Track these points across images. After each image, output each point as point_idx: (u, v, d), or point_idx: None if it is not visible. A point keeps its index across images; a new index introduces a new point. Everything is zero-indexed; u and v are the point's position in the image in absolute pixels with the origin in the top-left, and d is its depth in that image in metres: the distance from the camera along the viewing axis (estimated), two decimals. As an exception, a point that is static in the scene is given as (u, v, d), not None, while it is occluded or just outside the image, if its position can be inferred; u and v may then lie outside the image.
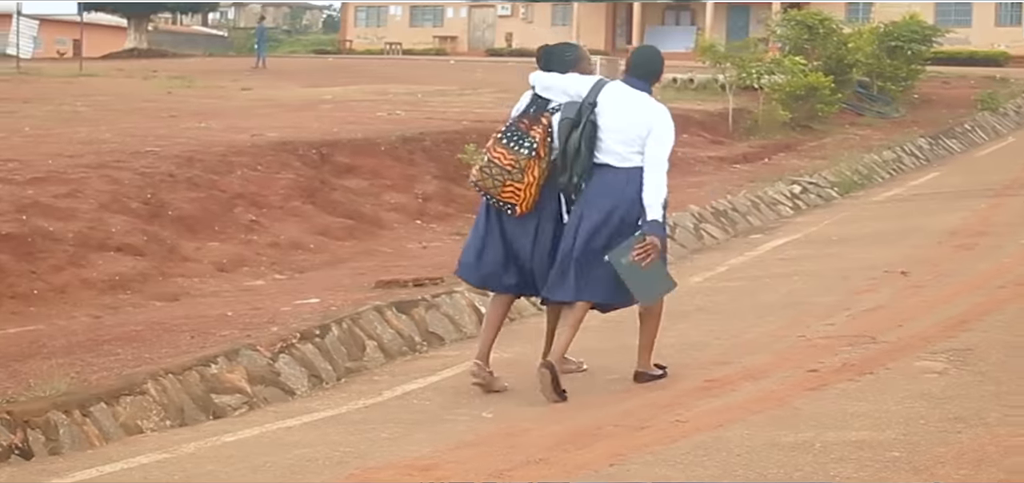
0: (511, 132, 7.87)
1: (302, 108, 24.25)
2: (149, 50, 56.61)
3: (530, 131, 7.80)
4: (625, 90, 7.81)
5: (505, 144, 7.81)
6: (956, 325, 8.77)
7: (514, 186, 7.71)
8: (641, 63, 7.99)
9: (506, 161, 7.74)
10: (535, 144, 7.72)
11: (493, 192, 7.80)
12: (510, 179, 7.70)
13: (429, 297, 11.30)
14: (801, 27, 29.31)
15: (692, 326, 9.26)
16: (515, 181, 7.70)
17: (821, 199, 18.93)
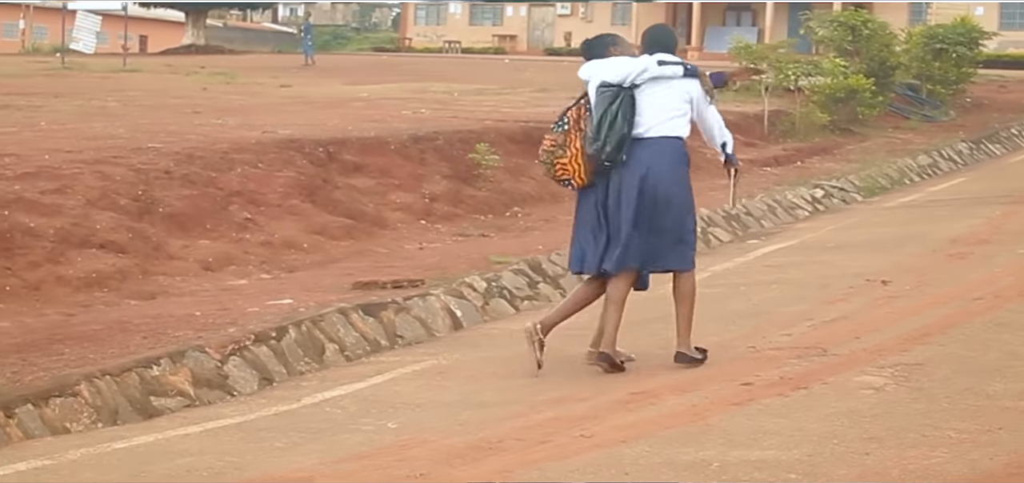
0: (558, 120, 8.52)
1: (330, 106, 24.09)
2: (207, 46, 56.77)
3: (567, 112, 8.43)
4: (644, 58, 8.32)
5: (552, 130, 8.52)
6: (916, 338, 8.44)
7: (561, 163, 8.32)
8: (660, 40, 8.55)
9: (549, 142, 8.43)
10: (568, 121, 8.35)
11: (550, 174, 8.54)
12: (556, 157, 8.35)
13: (401, 300, 11.09)
14: (844, 28, 28.77)
15: (646, 336, 8.96)
16: (561, 158, 8.32)
17: (843, 203, 18.53)
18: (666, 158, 8.18)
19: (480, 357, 8.69)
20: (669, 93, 8.22)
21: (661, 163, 8.16)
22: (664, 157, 8.18)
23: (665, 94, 8.21)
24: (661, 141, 8.18)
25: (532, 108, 24.51)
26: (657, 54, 8.37)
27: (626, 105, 8.12)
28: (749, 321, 9.51)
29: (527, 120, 21.46)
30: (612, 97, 8.13)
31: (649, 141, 8.17)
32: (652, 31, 8.74)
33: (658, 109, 8.20)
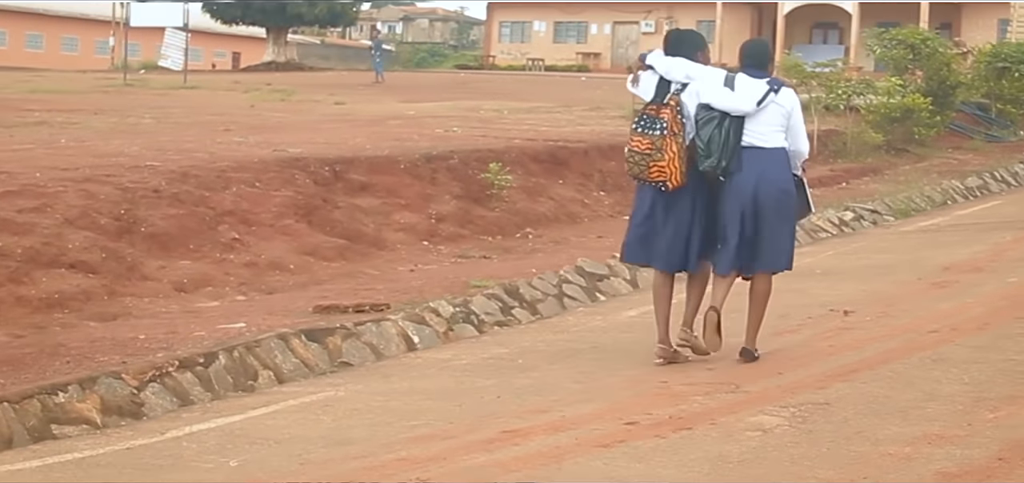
0: (643, 120, 8.72)
1: (368, 124, 23.85)
2: (287, 63, 56.95)
3: (660, 115, 8.59)
4: (752, 81, 8.72)
5: (640, 132, 8.69)
6: (841, 374, 7.96)
7: (658, 166, 8.54)
8: (756, 54, 9.04)
9: (643, 146, 8.60)
10: (665, 124, 8.55)
11: (642, 176, 8.69)
12: (652, 160, 8.55)
13: (351, 325, 10.75)
14: (902, 46, 28.01)
15: (567, 367, 8.56)
16: (657, 161, 8.52)
17: (873, 226, 17.91)
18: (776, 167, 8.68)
19: (382, 389, 8.36)
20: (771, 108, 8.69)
21: (772, 172, 8.66)
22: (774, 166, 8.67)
23: (768, 109, 8.68)
24: (769, 151, 8.66)
25: (571, 128, 24.13)
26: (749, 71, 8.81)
27: (736, 124, 8.61)
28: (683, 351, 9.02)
29: (558, 139, 21.09)
30: (720, 115, 8.62)
31: (758, 151, 8.65)
32: (747, 46, 9.22)
33: (763, 122, 8.68)
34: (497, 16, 70.16)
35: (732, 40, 58.71)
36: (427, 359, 9.73)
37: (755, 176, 8.64)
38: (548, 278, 12.99)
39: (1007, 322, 9.62)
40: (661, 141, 8.55)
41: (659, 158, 8.55)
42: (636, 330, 10.24)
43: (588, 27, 66.52)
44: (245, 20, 57.09)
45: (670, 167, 8.56)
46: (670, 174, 8.58)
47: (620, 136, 22.22)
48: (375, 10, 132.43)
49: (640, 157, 8.64)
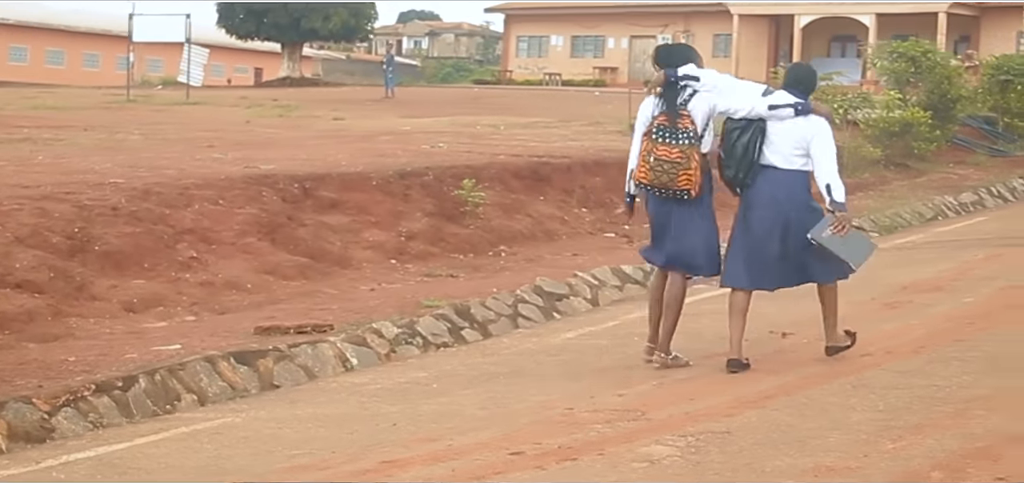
0: (664, 130, 8.86)
1: (358, 140, 23.66)
2: (302, 79, 56.93)
3: (680, 124, 8.80)
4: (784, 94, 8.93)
5: (666, 141, 8.83)
6: (756, 400, 7.73)
7: (686, 174, 8.77)
8: (799, 78, 9.19)
9: (673, 154, 8.77)
10: (690, 133, 8.80)
11: (670, 185, 8.82)
12: (681, 169, 8.76)
13: (285, 347, 10.53)
14: (904, 60, 27.66)
15: (479, 393, 8.34)
16: (686, 169, 8.75)
17: (856, 243, 17.58)
18: (789, 189, 8.88)
19: (282, 415, 8.15)
20: (791, 130, 8.83)
21: (782, 193, 8.86)
22: (787, 188, 8.86)
23: (788, 131, 8.82)
24: (785, 173, 8.85)
25: (563, 143, 23.89)
26: (785, 91, 9.01)
27: (757, 140, 8.81)
28: (601, 378, 8.81)
29: (543, 155, 20.84)
30: (742, 128, 8.86)
31: (774, 171, 8.86)
32: (791, 70, 9.52)
33: (784, 144, 8.84)
34: (515, 30, 70.04)
35: (748, 52, 58.58)
36: (343, 383, 9.51)
37: (767, 195, 8.88)
38: (503, 298, 12.75)
39: (944, 345, 9.35)
40: (689, 150, 8.79)
41: (687, 166, 8.77)
42: (566, 353, 10.01)
43: (605, 41, 66.32)
44: (260, 36, 57.07)
45: (695, 175, 8.81)
46: (694, 183, 8.82)
47: (609, 152, 22.02)
48: (401, 25, 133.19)
49: (670, 165, 8.80)
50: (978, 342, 9.52)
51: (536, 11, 69.11)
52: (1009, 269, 13.56)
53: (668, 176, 8.86)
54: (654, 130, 8.97)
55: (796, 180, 8.93)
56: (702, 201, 9.03)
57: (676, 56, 9.36)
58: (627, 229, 18.52)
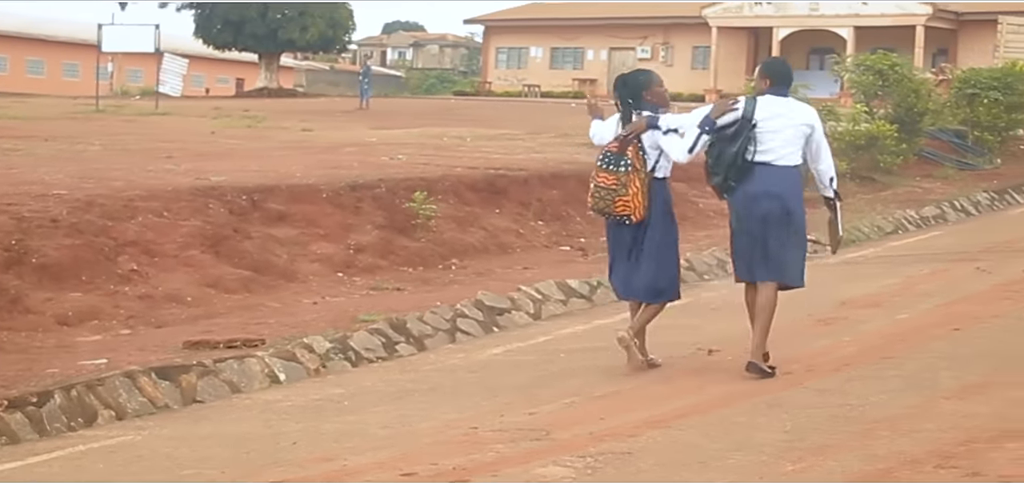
0: (608, 157, 9.19)
1: (319, 151, 23.52)
2: (280, 89, 56.82)
3: (624, 152, 9.08)
4: (782, 103, 9.21)
5: (606, 168, 9.16)
6: (666, 420, 7.61)
7: (622, 200, 9.05)
8: (782, 74, 9.47)
9: (609, 181, 9.09)
10: (630, 161, 9.06)
11: (607, 210, 9.21)
12: (617, 195, 9.06)
13: (211, 363, 10.39)
14: (871, 73, 27.57)
15: (389, 410, 8.20)
16: (621, 195, 9.04)
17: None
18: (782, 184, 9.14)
19: (183, 433, 8.06)
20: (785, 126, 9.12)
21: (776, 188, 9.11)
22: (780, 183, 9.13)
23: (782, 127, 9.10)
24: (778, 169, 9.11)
25: (525, 155, 23.77)
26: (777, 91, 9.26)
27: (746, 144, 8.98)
28: (516, 395, 8.67)
29: (501, 167, 20.69)
30: (730, 138, 9.03)
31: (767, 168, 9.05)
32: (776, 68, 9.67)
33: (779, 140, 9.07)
34: (494, 42, 69.97)
35: (727, 65, 58.54)
36: (256, 400, 9.37)
37: (762, 191, 9.01)
38: (441, 312, 12.62)
39: (868, 363, 9.24)
40: (626, 177, 9.03)
41: (623, 193, 9.03)
42: (488, 369, 9.90)
43: (584, 53, 66.28)
44: (237, 46, 56.93)
45: (634, 202, 9.06)
46: (634, 209, 9.07)
47: (569, 165, 21.92)
48: (386, 36, 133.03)
49: (606, 192, 9.11)
50: (903, 360, 9.41)
51: (515, 23, 69.04)
52: (951, 285, 13.45)
53: (605, 202, 9.19)
54: (601, 156, 9.32)
55: (790, 176, 9.18)
56: (655, 225, 9.24)
57: (631, 85, 9.59)
58: (583, 243, 18.43)
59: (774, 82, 9.31)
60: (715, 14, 60.28)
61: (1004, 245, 17.29)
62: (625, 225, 9.25)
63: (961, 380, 8.54)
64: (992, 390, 8.16)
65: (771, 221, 9.08)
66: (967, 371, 8.84)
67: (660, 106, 9.54)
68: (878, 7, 56.37)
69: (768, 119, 9.06)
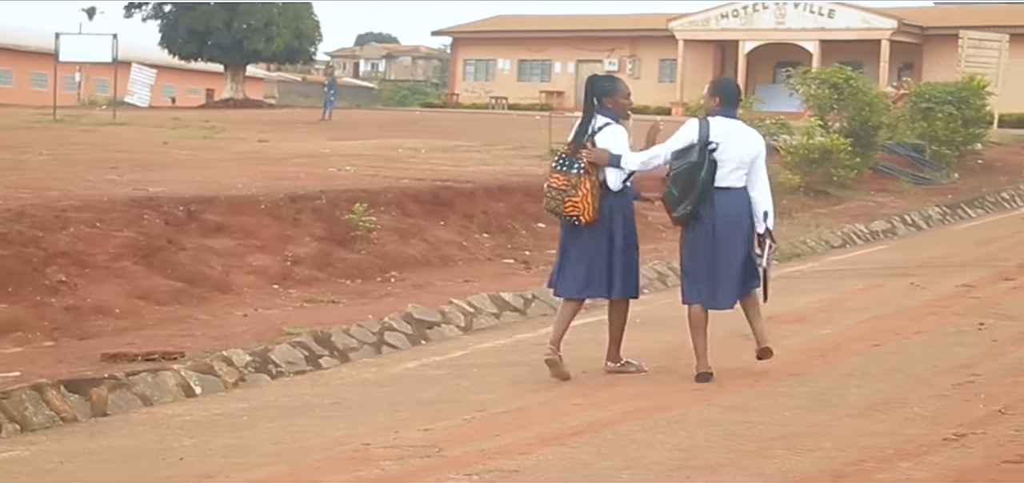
0: (562, 159, 9.50)
1: (270, 162, 23.35)
2: (246, 100, 56.60)
3: (577, 154, 9.35)
4: (733, 124, 9.31)
5: (558, 169, 9.46)
6: (563, 436, 7.53)
7: (572, 201, 9.29)
8: (733, 94, 9.57)
9: (560, 182, 9.35)
10: (582, 164, 9.32)
11: (558, 209, 9.44)
12: (567, 196, 9.29)
13: (124, 376, 10.24)
14: (825, 86, 27.54)
15: (286, 426, 8.05)
16: (571, 196, 9.27)
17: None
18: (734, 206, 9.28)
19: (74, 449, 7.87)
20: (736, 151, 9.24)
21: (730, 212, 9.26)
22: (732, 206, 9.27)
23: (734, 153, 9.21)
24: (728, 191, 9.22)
25: (475, 167, 23.66)
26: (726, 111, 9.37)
27: (710, 171, 9.08)
28: (418, 410, 8.54)
29: (448, 180, 20.57)
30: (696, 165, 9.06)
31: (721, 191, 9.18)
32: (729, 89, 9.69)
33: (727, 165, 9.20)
34: (462, 54, 69.90)
35: (693, 79, 58.47)
36: (155, 414, 9.22)
37: (721, 216, 9.15)
38: (368, 325, 12.50)
39: (782, 379, 9.14)
40: (577, 179, 9.27)
41: (573, 194, 9.26)
42: (398, 383, 9.79)
43: (552, 65, 66.24)
44: (202, 56, 56.71)
45: (583, 203, 9.28)
46: (583, 209, 9.29)
47: (517, 177, 21.81)
48: (358, 48, 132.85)
49: (557, 192, 9.36)
50: (816, 376, 9.32)
51: (483, 35, 68.98)
52: (881, 300, 13.37)
53: (556, 202, 9.44)
54: (557, 159, 9.64)
55: (739, 197, 9.29)
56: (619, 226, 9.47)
57: (597, 87, 9.86)
58: (527, 256, 18.32)
59: (724, 101, 9.40)
60: (682, 27, 60.33)
61: (944, 260, 17.23)
62: (575, 225, 9.42)
63: (869, 397, 8.45)
64: (896, 408, 8.07)
65: (733, 246, 9.25)
66: (877, 388, 8.75)
67: (618, 115, 9.72)
68: (844, 21, 56.52)
69: (722, 139, 9.14)
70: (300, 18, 56.15)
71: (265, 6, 55.12)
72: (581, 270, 9.58)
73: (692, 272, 9.39)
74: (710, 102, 9.56)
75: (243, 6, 54.49)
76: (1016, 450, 6.92)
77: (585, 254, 9.53)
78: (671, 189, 9.16)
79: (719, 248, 9.20)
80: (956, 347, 10.21)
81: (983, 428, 7.44)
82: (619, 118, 9.75)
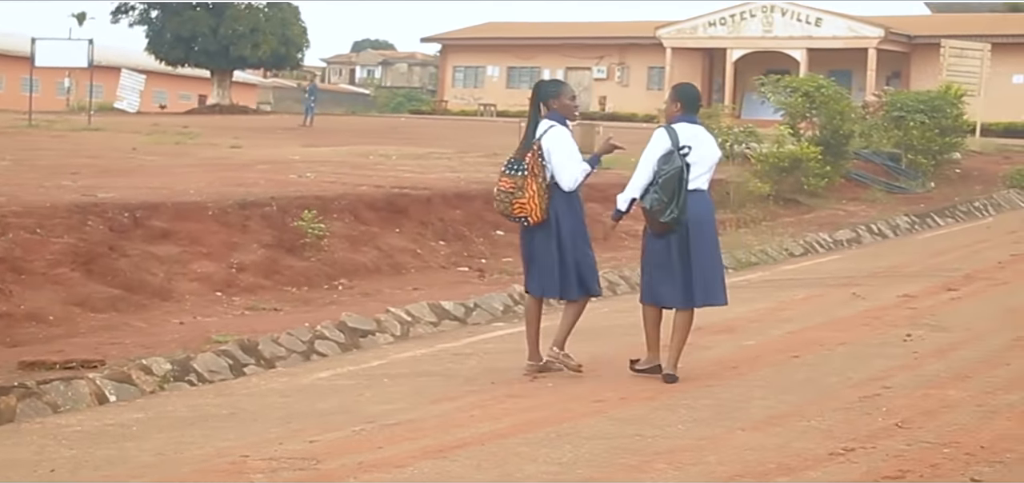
0: (510, 163, 9.73)
1: (231, 169, 23.21)
2: (232, 106, 56.51)
3: (523, 158, 9.54)
4: (696, 129, 9.46)
5: (506, 173, 9.69)
6: (441, 450, 7.36)
7: (519, 202, 9.50)
8: (694, 100, 9.66)
9: (508, 185, 9.59)
10: (525, 166, 9.52)
11: (507, 212, 9.66)
12: (515, 197, 9.52)
13: (35, 384, 10.09)
14: (798, 94, 27.39)
15: (173, 437, 7.90)
16: (518, 198, 9.48)
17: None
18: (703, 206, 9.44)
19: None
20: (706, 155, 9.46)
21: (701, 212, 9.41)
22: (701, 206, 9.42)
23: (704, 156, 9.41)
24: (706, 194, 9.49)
25: (440, 174, 23.52)
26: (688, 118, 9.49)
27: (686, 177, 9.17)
28: (310, 421, 8.38)
29: (407, 187, 20.42)
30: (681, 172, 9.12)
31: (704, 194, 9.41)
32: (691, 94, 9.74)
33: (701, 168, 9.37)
34: (451, 60, 69.81)
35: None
36: (49, 424, 8.99)
37: (694, 217, 9.24)
38: (299, 333, 12.35)
39: (688, 391, 8.97)
40: (522, 181, 9.48)
41: (520, 196, 9.47)
42: (299, 395, 9.60)
43: (541, 73, 65.97)
44: (189, 62, 56.63)
45: (530, 204, 9.47)
46: (530, 210, 9.48)
47: (478, 185, 21.65)
48: (355, 54, 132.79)
49: (505, 195, 9.61)
50: (723, 388, 9.14)
51: (472, 42, 68.89)
52: (817, 310, 13.20)
53: (504, 205, 9.69)
54: (506, 163, 9.87)
55: (709, 197, 9.59)
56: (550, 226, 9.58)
57: (542, 92, 10.05)
58: (482, 264, 18.18)
59: (685, 107, 9.49)
60: (669, 34, 60.22)
61: (894, 270, 17.04)
62: (526, 226, 9.66)
63: (771, 410, 8.29)
64: (794, 421, 7.91)
65: (704, 246, 9.40)
66: (783, 399, 8.60)
67: (564, 117, 9.92)
68: (831, 29, 56.42)
69: (691, 143, 9.28)
70: (287, 24, 56.06)
71: (251, 12, 55.06)
72: (535, 271, 9.81)
73: (661, 275, 9.43)
74: (672, 107, 9.61)
75: (229, 12, 54.42)
76: (899, 465, 6.77)
77: (537, 256, 9.73)
78: (660, 196, 9.18)
79: (694, 249, 9.30)
80: (875, 358, 10.04)
81: (875, 442, 7.28)
82: (565, 120, 9.95)
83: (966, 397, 8.42)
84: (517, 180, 9.56)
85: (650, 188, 9.23)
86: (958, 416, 7.86)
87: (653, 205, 9.22)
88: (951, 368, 9.51)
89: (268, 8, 56.25)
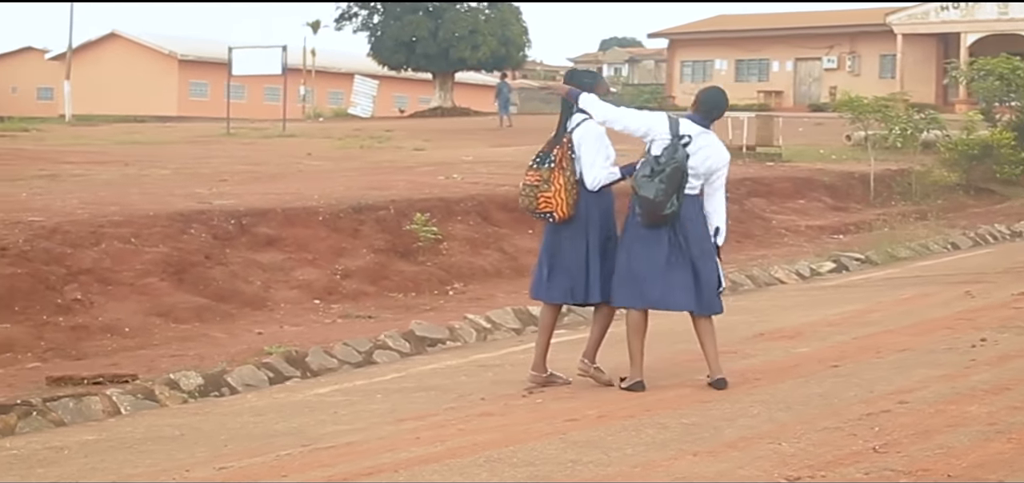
0: (538, 156, 9.14)
1: (390, 172, 23.02)
2: (453, 108, 56.67)
3: (552, 151, 9.05)
4: (698, 129, 8.88)
5: (533, 167, 9.11)
6: (423, 461, 6.87)
7: (545, 196, 8.94)
8: (710, 106, 9.07)
9: (532, 178, 9.03)
10: (553, 158, 8.99)
11: (532, 207, 9.07)
12: (540, 191, 8.95)
13: (41, 401, 9.80)
14: (992, 77, 25.66)
15: (118, 458, 7.43)
16: (544, 192, 8.93)
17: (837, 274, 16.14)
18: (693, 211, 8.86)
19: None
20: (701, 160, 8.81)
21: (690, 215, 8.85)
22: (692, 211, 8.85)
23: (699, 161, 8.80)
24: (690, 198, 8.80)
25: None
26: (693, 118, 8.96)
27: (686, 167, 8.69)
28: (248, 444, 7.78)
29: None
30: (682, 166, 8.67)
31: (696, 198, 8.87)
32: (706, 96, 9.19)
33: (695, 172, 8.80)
34: (679, 55, 68.79)
35: (914, 72, 56.27)
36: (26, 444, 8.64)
37: (685, 216, 8.82)
38: (356, 344, 11.82)
39: (677, 409, 8.06)
40: (549, 174, 8.93)
41: (546, 190, 8.91)
42: (274, 413, 9.01)
43: (770, 64, 64.58)
44: (410, 66, 56.98)
45: (556, 199, 8.90)
46: (556, 205, 8.91)
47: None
48: (602, 53, 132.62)
49: (529, 189, 9.02)
50: (716, 404, 8.13)
51: (700, 35, 67.77)
52: (910, 311, 11.89)
53: (529, 199, 9.07)
54: (534, 157, 9.19)
55: (699, 203, 8.98)
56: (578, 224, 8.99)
57: (573, 80, 9.42)
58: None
59: (698, 109, 9.04)
60: (900, 20, 58.04)
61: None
62: (551, 223, 9.08)
63: (747, 431, 7.27)
64: (760, 444, 6.89)
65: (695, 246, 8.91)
66: (768, 419, 7.57)
67: None
68: (1072, 8, 53.46)
69: (694, 148, 8.79)
70: (506, 25, 55.83)
71: (470, 14, 55.03)
72: (560, 276, 9.17)
73: (644, 274, 8.86)
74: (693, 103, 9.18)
75: (449, 14, 54.49)
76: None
77: (564, 256, 9.12)
78: (666, 186, 8.65)
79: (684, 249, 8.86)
80: (920, 367, 8.89)
81: (831, 470, 6.28)
82: None
83: (984, 413, 7.30)
84: (543, 173, 8.99)
85: (653, 178, 8.65)
86: (955, 437, 6.79)
87: (657, 196, 8.64)
88: (996, 379, 8.33)
89: (488, 9, 56.14)
